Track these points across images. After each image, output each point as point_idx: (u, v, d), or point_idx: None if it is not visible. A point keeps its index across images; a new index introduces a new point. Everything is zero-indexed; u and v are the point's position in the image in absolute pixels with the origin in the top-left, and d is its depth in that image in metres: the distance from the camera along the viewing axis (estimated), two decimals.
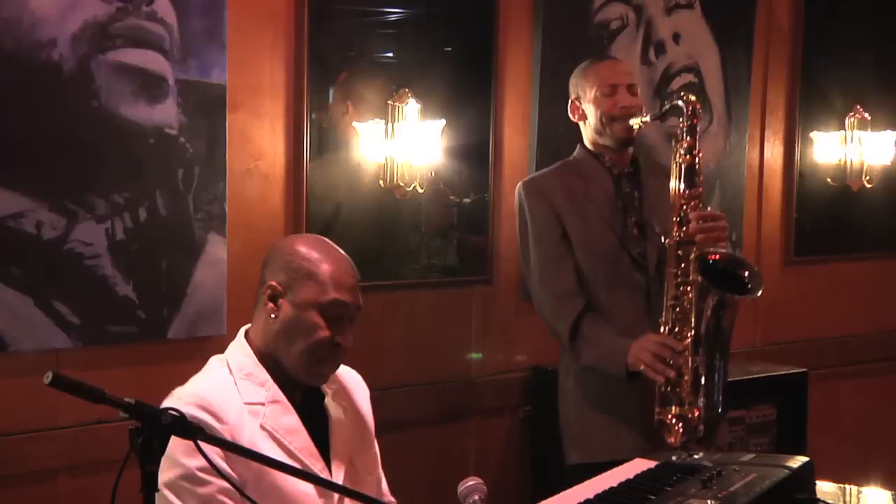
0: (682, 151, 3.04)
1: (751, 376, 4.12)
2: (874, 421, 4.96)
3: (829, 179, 4.66)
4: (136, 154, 3.04)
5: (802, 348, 4.67)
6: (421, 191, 3.46)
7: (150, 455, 1.61)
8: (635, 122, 3.14)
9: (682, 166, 3.03)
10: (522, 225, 3.25)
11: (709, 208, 3.16)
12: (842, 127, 4.65)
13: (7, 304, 2.85)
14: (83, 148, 2.95)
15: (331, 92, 3.45)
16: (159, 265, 3.09)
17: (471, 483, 2.14)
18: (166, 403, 2.14)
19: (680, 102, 3.07)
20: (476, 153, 3.74)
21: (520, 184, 3.28)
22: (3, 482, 2.91)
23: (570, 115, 3.28)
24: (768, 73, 4.56)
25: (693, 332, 2.95)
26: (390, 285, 3.58)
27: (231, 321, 3.21)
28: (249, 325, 2.30)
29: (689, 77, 4.23)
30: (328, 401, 2.30)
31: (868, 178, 4.63)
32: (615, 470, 2.20)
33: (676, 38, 4.18)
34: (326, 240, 2.30)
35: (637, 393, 3.08)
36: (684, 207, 3.01)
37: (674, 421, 2.96)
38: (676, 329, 2.98)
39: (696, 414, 2.94)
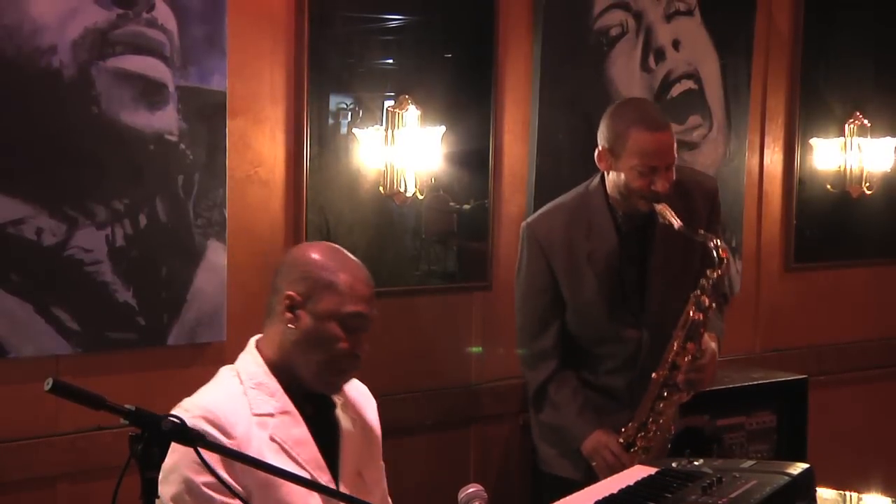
0: (698, 308, 2.98)
1: (751, 383, 4.12)
2: (874, 427, 4.95)
3: (828, 186, 4.66)
4: (137, 160, 3.04)
5: (802, 355, 4.67)
6: (421, 197, 3.46)
7: (150, 462, 1.61)
8: (662, 213, 2.98)
9: (692, 321, 2.98)
10: (520, 264, 3.26)
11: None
12: (841, 133, 4.65)
13: (7, 311, 2.85)
14: (83, 154, 2.95)
15: (331, 98, 3.45)
16: (159, 271, 3.09)
17: (471, 490, 2.14)
18: (174, 413, 2.13)
19: (715, 254, 2.94)
20: (476, 159, 3.74)
21: (524, 224, 3.27)
22: (3, 488, 2.91)
23: (596, 162, 3.10)
24: (768, 80, 4.57)
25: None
26: (390, 291, 3.58)
27: (231, 327, 3.21)
28: (260, 335, 2.27)
29: (689, 84, 4.23)
30: (338, 412, 2.28)
31: (868, 184, 4.63)
32: (615, 477, 2.20)
33: (676, 44, 4.18)
34: (341, 248, 2.28)
35: None
36: (678, 357, 3.00)
37: None
38: (635, 449, 3.06)
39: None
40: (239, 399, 2.15)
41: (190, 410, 2.09)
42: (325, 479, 2.16)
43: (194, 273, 3.15)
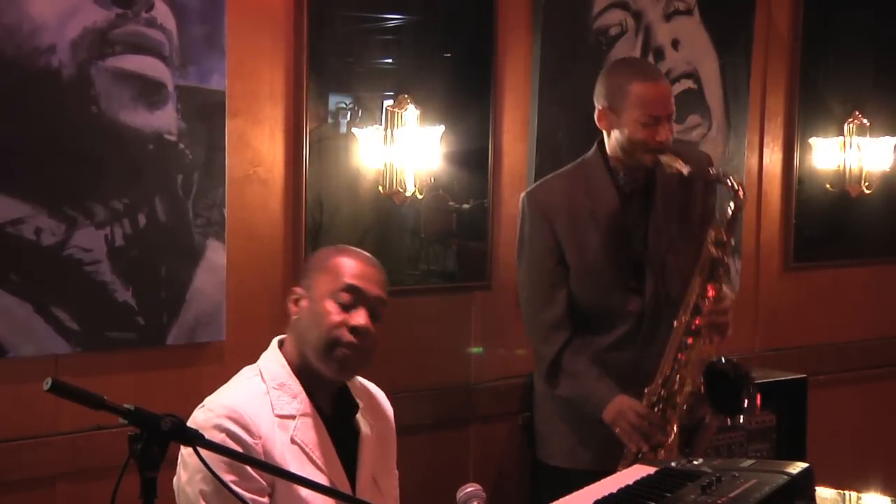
0: (715, 242, 2.95)
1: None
2: (874, 427, 4.95)
3: (828, 185, 4.66)
4: (136, 160, 3.04)
5: (802, 354, 4.67)
6: (420, 197, 3.46)
7: (150, 461, 1.61)
8: (667, 163, 2.98)
9: (710, 259, 2.96)
10: (521, 236, 3.25)
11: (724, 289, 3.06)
12: (841, 133, 4.65)
13: (6, 310, 2.85)
14: (82, 154, 2.95)
15: (330, 98, 3.45)
16: (158, 271, 3.09)
17: (470, 489, 2.14)
18: (198, 413, 2.13)
19: (730, 182, 2.96)
20: (475, 159, 3.74)
21: (524, 193, 3.28)
22: (2, 488, 2.91)
23: (596, 122, 3.14)
24: (767, 79, 4.57)
25: (676, 423, 2.98)
26: (389, 291, 3.56)
27: (230, 327, 3.21)
28: (283, 335, 2.29)
29: (688, 83, 4.23)
30: (359, 417, 2.28)
31: (867, 183, 4.63)
32: (614, 476, 2.20)
33: (675, 44, 4.18)
34: (354, 247, 2.33)
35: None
36: (699, 300, 2.97)
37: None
38: (659, 407, 3.00)
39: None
40: (261, 399, 2.15)
41: (214, 410, 2.11)
42: (342, 483, 2.16)
43: (193, 273, 3.15)
